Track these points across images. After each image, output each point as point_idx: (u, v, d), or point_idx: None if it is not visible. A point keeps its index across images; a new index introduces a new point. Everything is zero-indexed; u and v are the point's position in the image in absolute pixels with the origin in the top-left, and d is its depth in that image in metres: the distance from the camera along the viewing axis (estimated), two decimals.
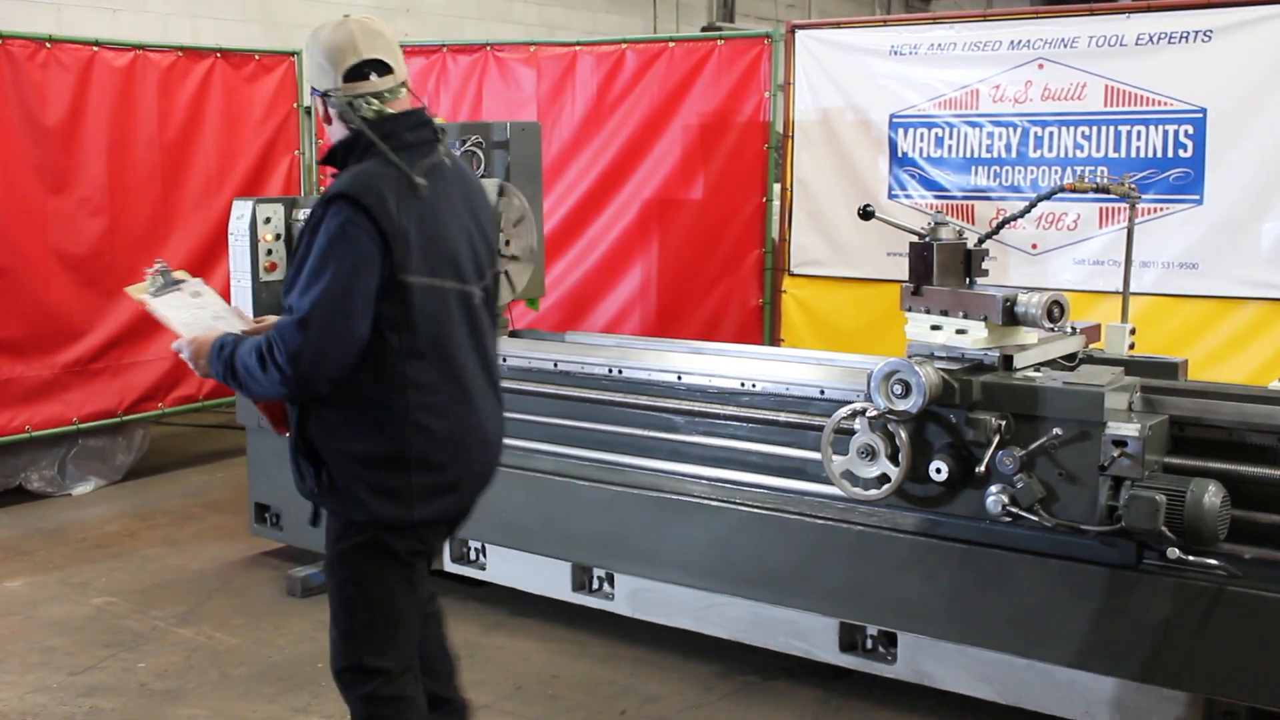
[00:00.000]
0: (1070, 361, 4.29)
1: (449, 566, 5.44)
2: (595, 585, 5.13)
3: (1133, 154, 6.35)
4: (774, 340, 7.50)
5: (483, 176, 5.66)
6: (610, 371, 5.06)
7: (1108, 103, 6.42)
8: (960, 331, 4.05)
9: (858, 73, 7.20)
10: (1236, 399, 3.93)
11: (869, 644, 4.50)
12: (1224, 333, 6.19)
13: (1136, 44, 6.34)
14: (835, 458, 4.12)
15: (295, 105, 8.62)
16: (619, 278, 8.03)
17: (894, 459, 4.00)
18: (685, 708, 4.57)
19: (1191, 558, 3.66)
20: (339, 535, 3.28)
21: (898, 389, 3.88)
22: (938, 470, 3.92)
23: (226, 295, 6.27)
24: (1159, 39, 6.28)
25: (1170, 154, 6.25)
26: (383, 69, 3.22)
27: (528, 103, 8.09)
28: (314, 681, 4.76)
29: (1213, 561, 3.67)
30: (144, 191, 7.80)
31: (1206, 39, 6.15)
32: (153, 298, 3.50)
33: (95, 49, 7.53)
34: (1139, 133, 6.34)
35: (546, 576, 5.18)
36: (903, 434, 3.96)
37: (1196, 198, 6.21)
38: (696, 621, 4.84)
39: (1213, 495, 3.63)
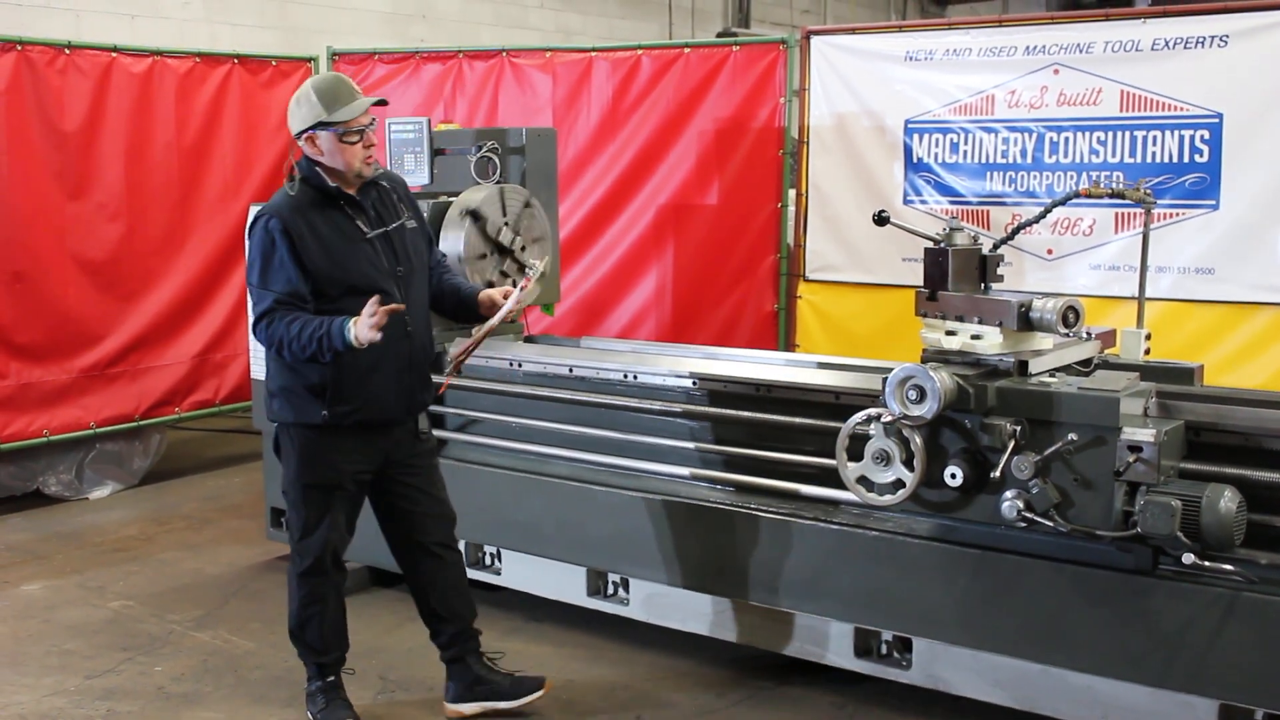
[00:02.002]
0: (1085, 367, 4.28)
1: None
2: (610, 590, 5.14)
3: (1149, 159, 6.34)
4: (789, 346, 7.50)
5: (498, 182, 5.69)
6: (625, 377, 5.06)
7: (1123, 108, 6.41)
8: (975, 337, 4.05)
9: (873, 78, 7.20)
10: (1252, 404, 3.92)
11: (884, 649, 4.49)
12: (1240, 338, 6.18)
13: (1152, 49, 6.33)
14: (850, 463, 4.12)
15: None
16: (634, 283, 8.05)
17: (909, 464, 3.99)
18: (700, 713, 4.58)
19: (1207, 563, 3.65)
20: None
21: (913, 394, 3.88)
22: (953, 475, 3.92)
23: (243, 301, 6.32)
24: (1175, 44, 6.27)
25: (1186, 159, 6.24)
26: None
27: (543, 108, 8.12)
28: None
29: (1228, 567, 3.66)
30: (162, 197, 7.83)
31: (1223, 44, 6.14)
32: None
33: (114, 55, 7.57)
34: (1155, 138, 6.33)
35: (561, 582, 5.19)
36: (918, 439, 3.95)
37: (1213, 203, 6.20)
38: (711, 626, 4.84)
39: (1228, 500, 3.62)
